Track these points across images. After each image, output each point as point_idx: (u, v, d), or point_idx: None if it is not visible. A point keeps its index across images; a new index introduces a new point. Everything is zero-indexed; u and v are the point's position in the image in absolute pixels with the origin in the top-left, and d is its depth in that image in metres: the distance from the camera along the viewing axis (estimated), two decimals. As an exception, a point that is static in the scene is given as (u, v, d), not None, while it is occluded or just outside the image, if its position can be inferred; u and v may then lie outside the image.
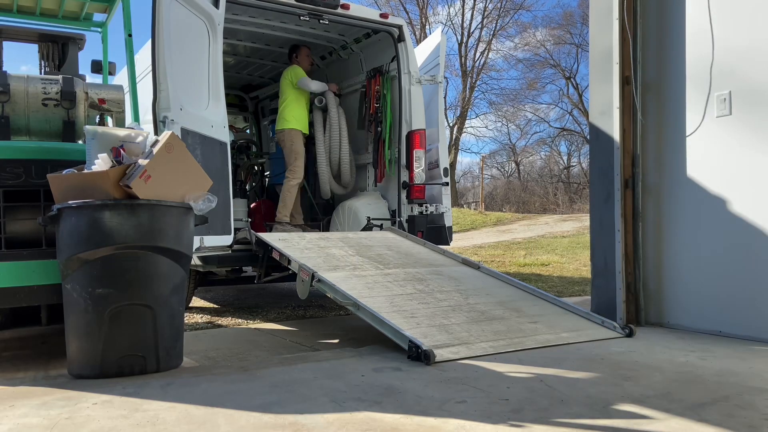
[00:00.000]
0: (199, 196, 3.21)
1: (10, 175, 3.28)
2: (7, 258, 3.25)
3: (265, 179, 7.80)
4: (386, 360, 3.18)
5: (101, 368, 2.91)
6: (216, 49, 4.74)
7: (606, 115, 4.38)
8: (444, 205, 5.96)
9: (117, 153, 3.13)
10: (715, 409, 2.36)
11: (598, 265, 4.52)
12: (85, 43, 5.31)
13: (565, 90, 32.36)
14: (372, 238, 5.33)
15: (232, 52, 7.08)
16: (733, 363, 3.13)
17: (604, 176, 4.44)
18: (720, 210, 3.89)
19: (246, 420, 2.26)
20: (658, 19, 4.30)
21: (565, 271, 8.69)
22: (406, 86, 5.90)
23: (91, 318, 2.92)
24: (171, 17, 4.24)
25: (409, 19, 29.30)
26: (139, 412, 2.36)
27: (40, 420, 2.29)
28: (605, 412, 2.36)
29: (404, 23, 6.12)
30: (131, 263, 2.96)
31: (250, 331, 4.78)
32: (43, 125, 4.09)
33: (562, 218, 17.99)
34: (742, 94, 3.81)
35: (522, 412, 2.34)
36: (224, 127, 4.72)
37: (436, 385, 2.69)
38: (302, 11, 5.49)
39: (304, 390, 2.65)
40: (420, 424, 2.20)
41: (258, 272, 4.92)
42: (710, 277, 3.96)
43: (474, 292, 4.24)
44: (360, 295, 3.74)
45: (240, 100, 8.57)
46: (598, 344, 3.57)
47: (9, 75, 4.01)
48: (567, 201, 27.10)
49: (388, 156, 6.10)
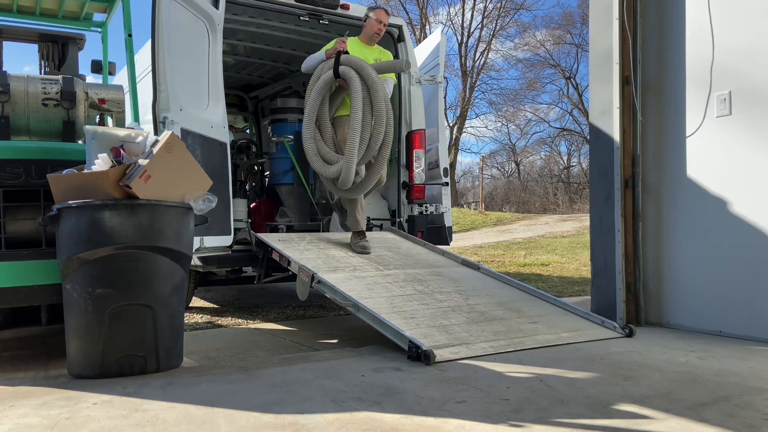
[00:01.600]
0: (199, 196, 3.21)
1: (10, 175, 3.28)
2: (7, 258, 3.25)
3: (265, 179, 7.80)
4: (386, 360, 3.18)
5: (101, 368, 2.91)
6: (216, 50, 4.74)
7: (606, 115, 4.38)
8: (444, 205, 5.96)
9: (117, 153, 3.13)
10: (715, 409, 2.36)
11: (598, 265, 4.52)
12: (85, 43, 5.31)
13: (565, 90, 32.36)
14: (372, 238, 5.33)
15: (231, 52, 7.07)
16: (733, 363, 3.13)
17: (604, 176, 4.44)
18: (720, 210, 3.89)
19: (246, 420, 2.26)
20: (658, 19, 4.30)
21: (565, 271, 8.69)
22: (406, 86, 5.91)
23: (91, 318, 2.92)
24: (171, 17, 4.24)
25: (409, 19, 29.31)
26: (139, 412, 2.36)
27: (40, 420, 2.29)
28: (605, 412, 2.36)
29: (404, 23, 6.12)
30: (131, 263, 2.96)
31: (250, 331, 4.78)
32: (43, 125, 4.09)
33: (562, 218, 17.98)
34: (742, 94, 3.81)
35: (522, 412, 2.34)
36: (224, 127, 4.72)
37: (436, 385, 2.69)
38: (302, 11, 5.49)
39: (304, 390, 2.65)
40: (420, 424, 2.20)
41: (258, 272, 4.92)
42: (710, 277, 3.96)
43: (474, 292, 4.24)
44: (360, 296, 3.74)
45: (240, 100, 8.56)
46: (598, 344, 3.57)
47: (9, 75, 4.01)
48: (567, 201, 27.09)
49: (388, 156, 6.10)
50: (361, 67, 4.68)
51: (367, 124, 4.61)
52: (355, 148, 4.54)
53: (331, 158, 4.80)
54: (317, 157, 4.83)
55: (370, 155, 4.69)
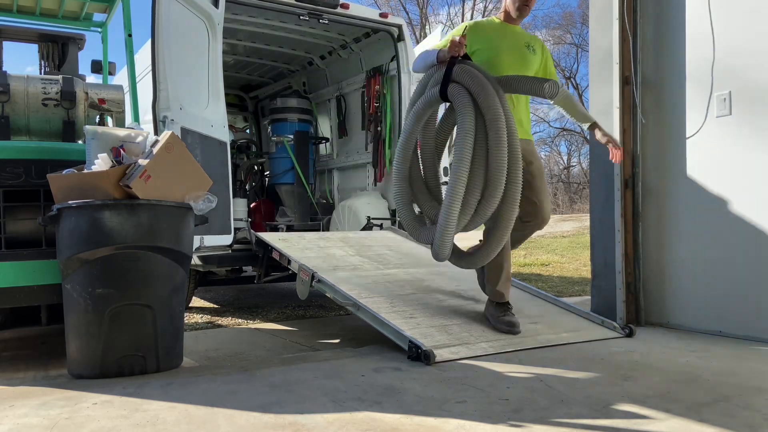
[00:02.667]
0: (199, 196, 3.21)
1: (10, 175, 3.28)
2: (7, 258, 3.25)
3: (265, 179, 7.81)
4: (386, 360, 3.18)
5: (101, 368, 2.91)
6: (216, 49, 4.74)
7: (606, 115, 4.37)
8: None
9: (117, 153, 3.13)
10: (715, 409, 2.36)
11: (598, 265, 4.52)
12: (85, 43, 5.32)
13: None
14: (372, 237, 5.33)
15: (231, 52, 7.08)
16: (733, 363, 3.13)
17: (604, 176, 4.44)
18: (720, 210, 3.89)
19: (246, 420, 2.26)
20: (658, 19, 4.30)
21: (565, 271, 8.69)
22: (406, 86, 5.91)
23: (91, 318, 2.92)
24: (171, 17, 4.24)
25: (409, 19, 29.32)
26: (139, 412, 2.36)
27: (40, 420, 2.29)
28: (605, 412, 2.36)
29: (404, 23, 6.13)
30: (131, 263, 2.96)
31: (250, 331, 4.78)
32: (43, 125, 4.10)
33: (562, 218, 17.98)
34: (742, 94, 3.81)
35: (522, 412, 2.34)
36: (224, 126, 4.72)
37: (436, 385, 2.69)
38: (302, 11, 5.49)
39: (304, 390, 2.65)
40: (420, 424, 2.20)
41: (258, 272, 4.92)
42: (710, 276, 3.95)
43: (474, 292, 4.23)
44: (360, 295, 3.74)
45: (240, 99, 8.57)
46: (598, 344, 3.57)
47: (9, 75, 4.01)
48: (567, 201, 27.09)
49: (388, 155, 6.10)
50: (481, 90, 3.22)
51: (477, 179, 3.25)
52: (453, 215, 3.24)
53: (428, 210, 3.55)
54: (406, 209, 3.58)
55: (478, 222, 3.37)
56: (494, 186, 3.21)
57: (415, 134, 3.50)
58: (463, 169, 3.18)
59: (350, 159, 6.92)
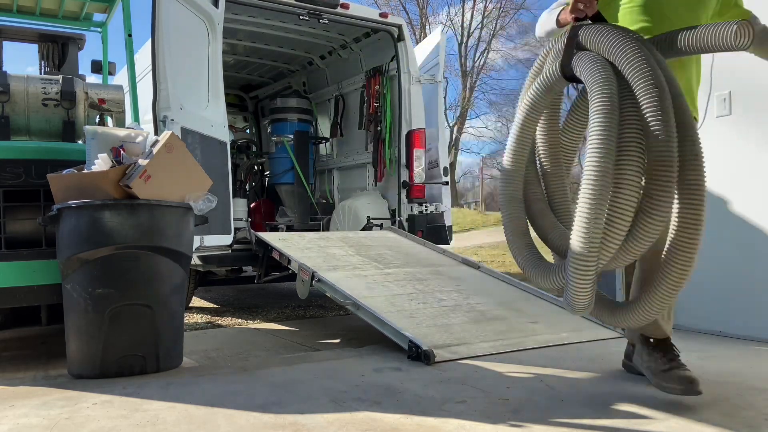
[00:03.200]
0: (199, 196, 3.21)
1: (10, 175, 3.28)
2: (7, 258, 3.25)
3: (265, 179, 7.81)
4: (386, 360, 3.18)
5: (101, 368, 2.91)
6: (216, 49, 4.75)
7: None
8: (444, 204, 5.97)
9: (117, 153, 3.13)
10: (715, 409, 2.36)
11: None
12: (85, 43, 5.31)
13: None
14: (372, 237, 5.33)
15: (231, 52, 7.08)
16: (733, 363, 3.13)
17: (604, 176, 4.42)
18: (720, 210, 3.89)
19: (246, 420, 2.26)
20: (658, 18, 4.29)
21: (565, 270, 8.67)
22: (406, 86, 5.91)
23: (91, 318, 2.92)
24: (171, 17, 4.24)
25: (409, 19, 29.29)
26: (139, 412, 2.36)
27: (40, 420, 2.29)
28: (605, 412, 2.36)
29: (404, 23, 6.14)
30: (131, 263, 2.96)
31: (250, 331, 4.78)
32: (43, 125, 4.09)
33: (562, 218, 17.94)
34: (742, 94, 3.81)
35: (522, 412, 2.34)
36: (224, 126, 4.73)
37: (436, 385, 2.68)
38: (302, 11, 5.50)
39: (304, 390, 2.65)
40: (420, 424, 2.20)
41: (258, 272, 4.92)
42: (710, 276, 3.95)
43: (474, 292, 4.23)
44: (360, 295, 3.75)
45: (240, 99, 8.58)
46: (598, 344, 3.56)
47: (9, 75, 4.01)
48: (567, 201, 27.02)
49: (388, 155, 6.11)
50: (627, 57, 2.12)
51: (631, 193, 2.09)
52: (592, 244, 2.12)
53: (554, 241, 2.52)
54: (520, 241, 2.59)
55: (637, 250, 2.23)
56: (659, 197, 2.14)
57: (529, 133, 2.43)
58: (604, 168, 2.05)
59: (350, 159, 6.93)
